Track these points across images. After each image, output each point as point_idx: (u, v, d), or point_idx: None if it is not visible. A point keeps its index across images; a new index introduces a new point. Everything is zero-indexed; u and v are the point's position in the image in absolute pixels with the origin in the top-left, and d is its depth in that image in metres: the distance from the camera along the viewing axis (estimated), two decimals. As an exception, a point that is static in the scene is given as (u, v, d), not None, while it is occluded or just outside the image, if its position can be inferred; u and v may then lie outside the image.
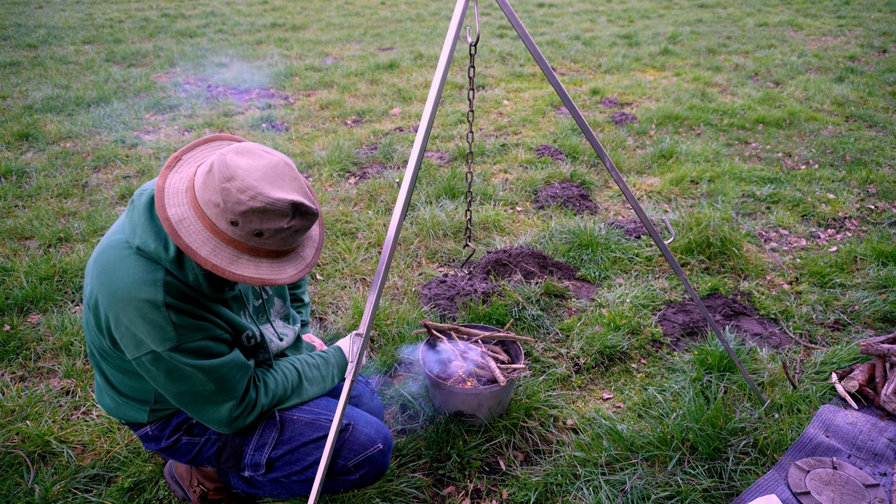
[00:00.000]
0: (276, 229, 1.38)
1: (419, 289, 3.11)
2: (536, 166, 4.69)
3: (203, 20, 11.31)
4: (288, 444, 1.70)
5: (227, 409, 1.57)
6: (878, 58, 8.23)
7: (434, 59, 8.31)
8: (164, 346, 1.43)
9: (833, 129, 5.56)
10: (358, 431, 1.73)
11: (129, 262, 1.43)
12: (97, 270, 1.47)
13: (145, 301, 1.40)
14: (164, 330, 1.42)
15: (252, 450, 1.70)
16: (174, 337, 1.43)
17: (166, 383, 1.50)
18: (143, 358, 1.45)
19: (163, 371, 1.47)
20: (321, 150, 4.94)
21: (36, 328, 2.78)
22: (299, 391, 1.74)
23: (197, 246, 1.37)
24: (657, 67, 7.96)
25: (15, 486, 1.99)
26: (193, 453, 1.75)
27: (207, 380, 1.50)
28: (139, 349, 1.44)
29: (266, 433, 1.70)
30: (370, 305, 1.51)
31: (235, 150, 1.37)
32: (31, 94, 6.48)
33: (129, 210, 1.50)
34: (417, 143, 1.45)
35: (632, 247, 3.50)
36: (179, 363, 1.46)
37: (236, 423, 1.61)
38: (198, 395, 1.52)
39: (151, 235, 1.43)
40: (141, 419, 1.71)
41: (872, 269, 3.26)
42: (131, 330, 1.42)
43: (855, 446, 2.16)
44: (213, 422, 1.59)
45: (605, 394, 2.47)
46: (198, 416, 1.58)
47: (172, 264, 1.43)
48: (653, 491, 1.96)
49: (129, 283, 1.41)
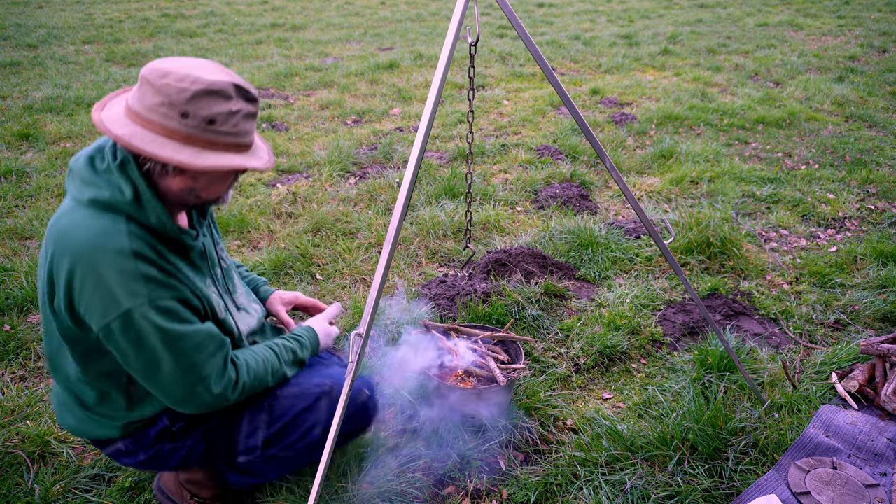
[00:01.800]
0: (227, 113, 1.34)
1: (419, 289, 3.11)
2: (536, 166, 4.69)
3: (203, 20, 11.31)
4: (280, 421, 1.68)
5: (205, 387, 1.48)
6: (878, 58, 8.23)
7: (434, 59, 8.31)
8: (135, 302, 1.34)
9: (833, 129, 5.56)
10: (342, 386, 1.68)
11: (87, 218, 1.36)
12: (53, 239, 1.39)
13: (112, 251, 1.33)
14: (134, 282, 1.35)
15: (245, 436, 1.67)
16: (145, 292, 1.35)
17: (137, 358, 1.41)
18: (112, 325, 1.36)
19: (132, 341, 1.38)
20: (321, 150, 4.94)
21: (36, 328, 2.77)
22: (278, 372, 1.68)
23: (157, 149, 1.31)
24: (657, 67, 7.96)
25: (15, 486, 1.99)
26: (179, 458, 1.68)
27: (181, 350, 1.42)
28: (107, 314, 1.35)
29: (256, 416, 1.67)
30: (370, 305, 1.51)
31: (157, 61, 1.35)
32: (31, 94, 6.48)
33: (68, 180, 1.43)
34: (417, 143, 1.45)
35: (632, 247, 3.50)
36: (152, 327, 1.37)
37: (217, 402, 1.51)
38: (173, 372, 1.43)
39: (102, 184, 1.36)
40: (111, 434, 1.60)
41: (872, 269, 3.26)
42: (98, 290, 1.34)
43: (855, 446, 2.16)
44: (190, 402, 1.49)
45: (605, 394, 2.47)
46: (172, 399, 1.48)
47: (131, 206, 1.36)
48: (653, 491, 1.96)
49: (91, 236, 1.34)
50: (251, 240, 3.61)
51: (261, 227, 3.72)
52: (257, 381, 1.61)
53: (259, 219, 3.80)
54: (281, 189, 4.28)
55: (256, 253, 3.45)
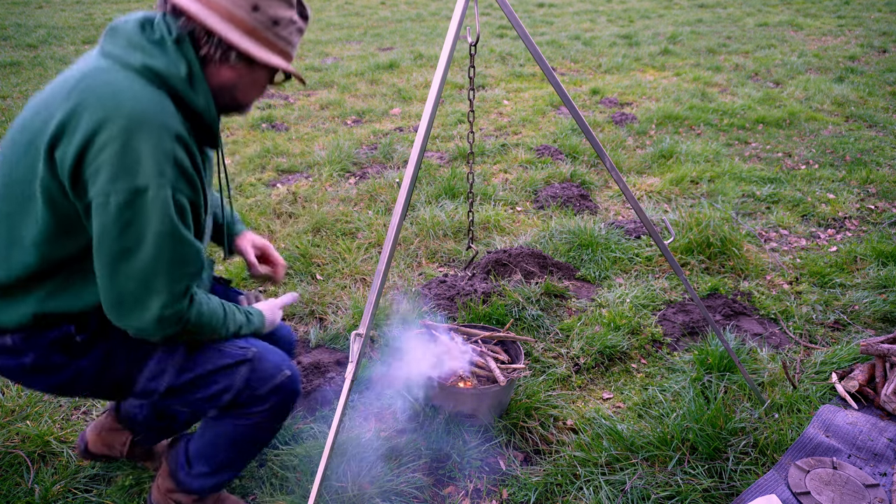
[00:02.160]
0: (289, 20, 1.38)
1: (419, 289, 3.11)
2: (536, 166, 4.69)
3: (203, 20, 11.30)
4: (192, 372, 1.53)
5: (158, 303, 1.32)
6: (878, 58, 8.23)
7: (434, 59, 8.31)
8: (157, 182, 1.23)
9: (833, 129, 5.56)
10: (264, 359, 1.60)
11: (134, 83, 1.25)
12: (81, 91, 1.24)
13: (157, 125, 1.23)
14: (165, 163, 1.24)
15: (147, 377, 1.51)
16: (171, 178, 1.25)
17: (116, 239, 1.26)
18: (116, 196, 1.22)
19: (125, 221, 1.24)
20: (321, 150, 4.94)
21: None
22: (216, 332, 1.53)
23: (227, 31, 1.28)
24: (657, 67, 7.96)
25: (15, 486, 1.99)
26: (66, 377, 1.47)
27: (167, 253, 1.29)
28: (117, 182, 1.21)
29: (167, 358, 1.52)
30: (370, 305, 1.51)
31: None
32: (32, 94, 6.47)
33: (108, 39, 1.31)
34: (417, 143, 1.46)
35: (632, 247, 3.50)
36: (158, 215, 1.25)
37: (154, 326, 1.35)
38: (142, 271, 1.29)
39: (156, 53, 1.27)
40: (7, 320, 1.39)
41: (872, 269, 3.26)
42: (122, 156, 1.21)
43: (855, 446, 2.16)
44: (131, 311, 1.33)
45: (605, 394, 2.47)
46: (116, 298, 1.32)
47: (184, 83, 1.29)
48: (653, 491, 1.96)
49: (137, 102, 1.23)
50: (251, 240, 3.61)
51: (261, 227, 3.72)
52: (196, 329, 1.45)
53: (259, 219, 3.80)
54: (281, 189, 4.28)
55: (256, 253, 3.45)
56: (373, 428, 2.25)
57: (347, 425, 2.27)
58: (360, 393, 2.43)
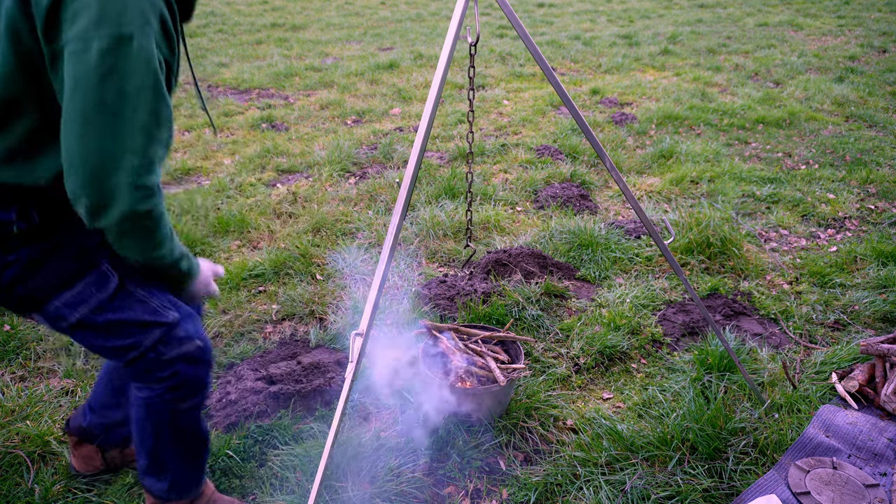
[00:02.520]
0: None
1: (419, 289, 3.11)
2: (536, 166, 4.69)
3: (203, 20, 11.31)
4: (111, 314, 1.45)
5: (132, 168, 1.20)
6: (878, 58, 8.23)
7: (434, 59, 8.31)
8: (144, 31, 1.16)
9: (833, 129, 5.56)
10: (181, 326, 1.54)
11: None
12: None
13: None
14: (151, 13, 1.18)
15: (64, 302, 1.41)
16: (155, 28, 1.18)
17: (95, 89, 1.15)
18: (98, 40, 1.13)
19: (105, 68, 1.14)
20: (321, 150, 4.94)
21: (36, 328, 2.77)
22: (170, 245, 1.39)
23: None
24: (657, 67, 7.96)
25: (15, 486, 1.99)
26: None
27: (148, 107, 1.20)
28: (101, 25, 1.13)
29: (92, 289, 1.42)
30: (370, 305, 1.51)
31: None
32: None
33: None
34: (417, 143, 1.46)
35: (632, 247, 3.50)
36: (142, 64, 1.17)
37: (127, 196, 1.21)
38: (118, 126, 1.18)
39: None
40: None
41: (872, 269, 3.26)
42: (109, 2, 1.13)
43: (855, 446, 2.16)
44: (102, 174, 1.19)
45: (605, 394, 2.47)
46: (88, 156, 1.18)
47: None
48: (653, 491, 1.96)
49: None
50: (251, 240, 3.61)
51: (261, 227, 3.72)
52: (155, 227, 1.31)
53: (259, 219, 3.80)
54: (281, 189, 4.28)
55: (256, 253, 3.45)
56: (373, 428, 2.25)
57: (347, 425, 2.27)
58: (360, 393, 2.43)
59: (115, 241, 1.30)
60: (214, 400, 2.37)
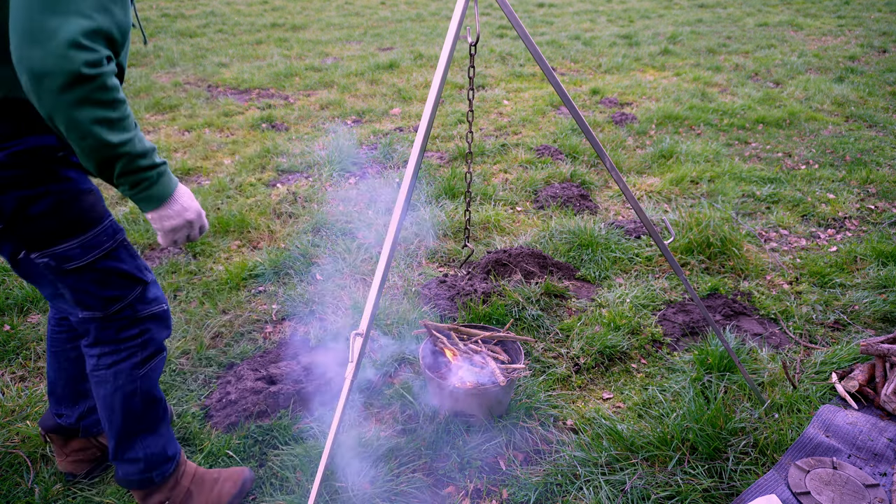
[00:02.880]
0: None
1: (419, 289, 3.11)
2: (536, 166, 4.69)
3: (203, 20, 11.31)
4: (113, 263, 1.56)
5: (78, 27, 1.15)
6: (878, 58, 8.23)
7: (434, 59, 8.31)
8: None
9: (833, 129, 5.56)
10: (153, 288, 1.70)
11: None
12: None
13: None
14: None
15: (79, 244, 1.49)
16: None
17: None
18: None
19: None
20: (321, 150, 4.94)
21: (36, 328, 2.78)
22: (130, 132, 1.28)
23: None
24: (657, 67, 7.96)
25: (15, 486, 1.99)
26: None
27: None
28: None
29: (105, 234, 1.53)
30: (370, 305, 1.51)
31: None
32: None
33: None
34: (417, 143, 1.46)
35: (632, 247, 3.50)
36: None
37: (67, 55, 1.14)
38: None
39: None
40: None
41: (872, 269, 3.26)
42: None
43: (855, 446, 2.16)
44: (47, 33, 1.13)
45: (605, 394, 2.47)
46: (29, 18, 1.13)
47: None
48: (653, 491, 1.96)
49: None
50: (251, 240, 3.61)
51: (261, 227, 3.72)
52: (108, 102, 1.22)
53: (259, 219, 3.80)
54: (281, 189, 4.28)
55: (256, 253, 3.45)
56: (373, 428, 2.25)
57: (347, 425, 2.27)
58: (360, 393, 2.43)
59: (68, 124, 1.21)
60: (214, 400, 2.37)
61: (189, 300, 3.01)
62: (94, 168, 1.30)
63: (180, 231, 1.46)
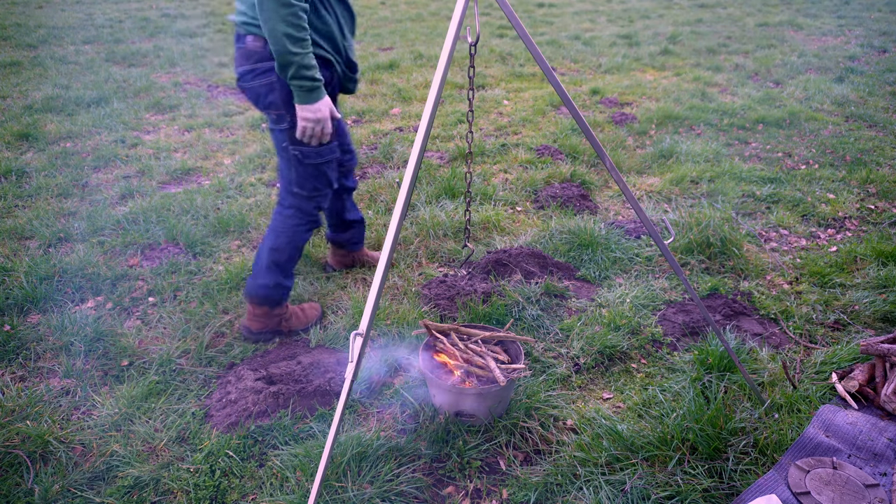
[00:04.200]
0: None
1: (419, 289, 3.11)
2: (536, 166, 4.69)
3: (203, 20, 11.31)
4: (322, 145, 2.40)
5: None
6: (878, 58, 8.23)
7: (434, 59, 8.31)
8: None
9: (833, 129, 5.56)
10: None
11: None
12: None
13: None
14: None
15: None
16: None
17: None
18: None
19: None
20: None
21: (36, 328, 2.78)
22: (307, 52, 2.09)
23: None
24: (657, 67, 7.96)
25: (15, 486, 1.99)
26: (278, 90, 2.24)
27: None
28: None
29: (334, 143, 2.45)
30: (370, 305, 1.51)
31: None
32: (31, 94, 6.48)
33: None
34: (417, 143, 1.45)
35: (632, 247, 3.50)
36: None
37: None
38: None
39: None
40: None
41: (872, 269, 3.26)
42: None
43: (855, 446, 2.16)
44: None
45: (605, 394, 2.47)
46: None
47: None
48: (653, 491, 1.96)
49: None
50: (251, 240, 3.61)
51: (261, 227, 3.72)
52: (301, 21, 2.03)
53: (259, 219, 3.80)
54: (281, 189, 4.28)
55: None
56: (373, 428, 2.25)
57: (347, 425, 2.27)
58: (360, 393, 2.43)
59: (270, 32, 2.02)
60: (214, 400, 2.37)
61: (189, 300, 3.01)
62: (277, 67, 2.10)
63: (309, 123, 2.22)
